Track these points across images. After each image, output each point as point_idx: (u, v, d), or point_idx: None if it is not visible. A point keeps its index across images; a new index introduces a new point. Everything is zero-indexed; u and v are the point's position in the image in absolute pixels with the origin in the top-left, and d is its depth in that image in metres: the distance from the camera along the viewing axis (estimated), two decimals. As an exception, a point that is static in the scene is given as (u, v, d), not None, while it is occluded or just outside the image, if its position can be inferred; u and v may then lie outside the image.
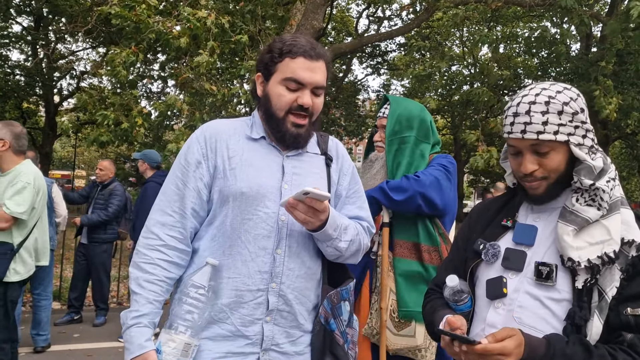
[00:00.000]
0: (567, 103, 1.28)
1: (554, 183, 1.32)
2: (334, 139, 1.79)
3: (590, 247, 1.25)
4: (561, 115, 1.26)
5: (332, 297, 1.61)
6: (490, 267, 1.40)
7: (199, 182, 1.57)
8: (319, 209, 1.48)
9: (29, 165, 3.56)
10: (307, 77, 1.56)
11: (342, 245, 1.60)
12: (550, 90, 1.30)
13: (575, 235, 1.27)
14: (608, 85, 8.43)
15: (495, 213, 1.50)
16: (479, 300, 1.42)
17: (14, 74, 14.99)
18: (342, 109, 18.09)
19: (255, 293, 1.53)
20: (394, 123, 2.36)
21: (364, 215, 1.76)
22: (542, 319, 1.27)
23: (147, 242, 1.55)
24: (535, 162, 1.31)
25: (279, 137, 1.61)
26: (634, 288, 1.21)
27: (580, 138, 1.29)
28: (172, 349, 1.46)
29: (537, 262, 1.31)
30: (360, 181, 1.82)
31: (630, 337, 1.18)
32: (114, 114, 6.43)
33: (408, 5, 10.91)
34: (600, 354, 1.17)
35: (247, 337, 1.53)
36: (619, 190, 1.33)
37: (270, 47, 1.61)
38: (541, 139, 1.27)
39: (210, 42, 6.24)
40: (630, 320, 1.19)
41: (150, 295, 1.51)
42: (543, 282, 1.28)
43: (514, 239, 1.39)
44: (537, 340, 1.21)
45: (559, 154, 1.29)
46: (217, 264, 1.51)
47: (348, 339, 1.64)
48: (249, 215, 1.54)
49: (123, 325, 1.50)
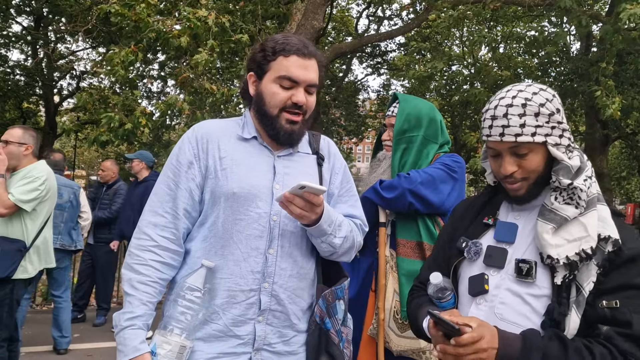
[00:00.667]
0: (544, 104, 1.30)
1: (534, 183, 1.36)
2: (326, 138, 1.80)
3: (569, 244, 1.28)
4: (538, 117, 1.30)
5: (327, 296, 1.62)
6: (473, 265, 1.44)
7: (190, 183, 1.58)
8: (315, 203, 1.48)
9: (43, 164, 3.66)
10: (300, 75, 1.56)
11: (336, 242, 1.60)
12: (527, 92, 1.33)
13: (554, 233, 1.31)
14: (609, 85, 8.43)
15: (477, 211, 1.53)
16: (462, 297, 1.45)
17: (14, 74, 14.98)
18: (342, 109, 18.07)
19: (247, 293, 1.54)
20: (403, 122, 2.35)
21: (357, 213, 1.77)
22: (522, 315, 1.31)
23: (139, 243, 1.55)
24: (514, 163, 1.35)
25: (272, 135, 1.61)
26: (609, 282, 1.25)
27: (557, 138, 1.32)
28: (167, 351, 1.45)
29: (517, 259, 1.35)
30: (352, 180, 1.83)
31: (605, 329, 1.22)
32: (118, 115, 6.42)
33: (408, 5, 10.92)
34: (576, 347, 1.20)
35: (239, 337, 1.53)
36: (596, 187, 1.35)
37: (262, 46, 1.61)
38: (519, 141, 1.30)
39: (210, 41, 6.24)
40: (606, 313, 1.22)
41: (143, 296, 1.50)
42: (523, 279, 1.32)
43: (495, 237, 1.42)
44: (512, 334, 1.25)
45: (537, 155, 1.33)
46: (212, 266, 1.51)
47: (343, 338, 1.65)
48: (240, 216, 1.54)
49: (116, 327, 1.49)
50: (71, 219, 5.11)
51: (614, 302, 1.22)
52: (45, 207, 3.63)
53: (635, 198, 29.71)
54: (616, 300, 1.22)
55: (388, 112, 2.48)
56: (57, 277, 4.93)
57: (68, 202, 5.05)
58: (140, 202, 5.53)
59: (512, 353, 1.22)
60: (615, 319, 1.21)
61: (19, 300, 3.55)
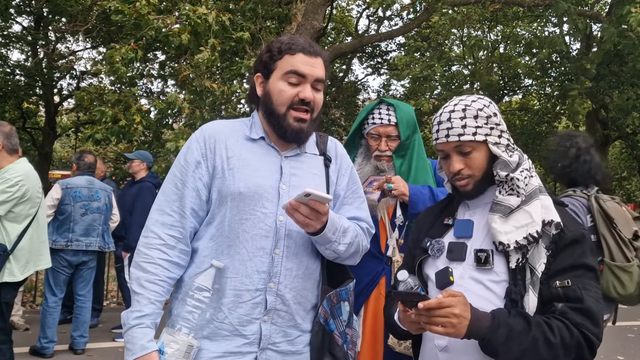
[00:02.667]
0: (481, 109, 1.49)
1: (480, 180, 1.52)
2: (334, 140, 1.80)
3: (517, 231, 1.43)
4: (477, 119, 1.48)
5: (332, 297, 1.62)
6: (437, 261, 1.56)
7: (198, 182, 1.58)
8: (321, 211, 1.48)
9: (20, 164, 3.54)
10: (307, 70, 1.58)
11: (340, 248, 1.61)
12: (466, 101, 1.52)
13: (504, 222, 1.45)
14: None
15: (437, 215, 1.68)
16: (431, 292, 1.56)
17: (14, 74, 14.97)
18: (342, 109, 18.06)
19: (253, 293, 1.54)
20: (405, 130, 2.31)
21: (363, 215, 1.76)
22: (486, 300, 1.43)
23: (147, 242, 1.55)
24: (461, 162, 1.51)
25: (280, 134, 1.62)
26: (559, 263, 1.40)
27: (496, 138, 1.50)
28: (174, 350, 1.46)
29: (475, 249, 1.49)
30: (359, 181, 1.83)
31: (560, 306, 1.36)
32: (111, 111, 6.40)
33: (408, 5, 10.92)
34: (536, 322, 1.34)
35: (245, 337, 1.53)
36: (536, 180, 1.52)
37: (268, 47, 1.63)
38: (462, 140, 1.48)
39: (211, 39, 6.23)
40: (560, 292, 1.37)
41: (152, 295, 1.50)
42: (482, 267, 1.46)
43: (454, 234, 1.56)
44: (483, 312, 1.36)
45: (480, 153, 1.50)
46: (222, 267, 1.51)
47: (347, 339, 1.65)
48: (246, 215, 1.55)
49: (124, 325, 1.50)
50: (105, 222, 5.16)
51: (566, 281, 1.37)
52: (26, 207, 3.52)
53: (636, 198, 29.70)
54: (567, 279, 1.37)
55: (380, 121, 2.31)
56: (86, 276, 4.97)
57: (104, 205, 5.10)
58: (132, 202, 5.54)
59: (482, 328, 1.32)
60: (567, 297, 1.36)
61: (10, 303, 3.52)
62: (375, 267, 2.23)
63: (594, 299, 1.36)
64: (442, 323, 1.30)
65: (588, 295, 1.35)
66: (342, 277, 1.72)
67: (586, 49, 13.34)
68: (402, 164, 2.32)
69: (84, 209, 4.91)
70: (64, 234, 4.78)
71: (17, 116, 16.43)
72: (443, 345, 1.47)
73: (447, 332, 1.31)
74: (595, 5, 12.95)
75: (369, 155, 2.38)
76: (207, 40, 6.26)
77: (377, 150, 2.33)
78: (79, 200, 4.88)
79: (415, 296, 1.36)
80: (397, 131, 2.30)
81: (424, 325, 1.34)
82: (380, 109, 2.35)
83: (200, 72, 6.53)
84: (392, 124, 2.30)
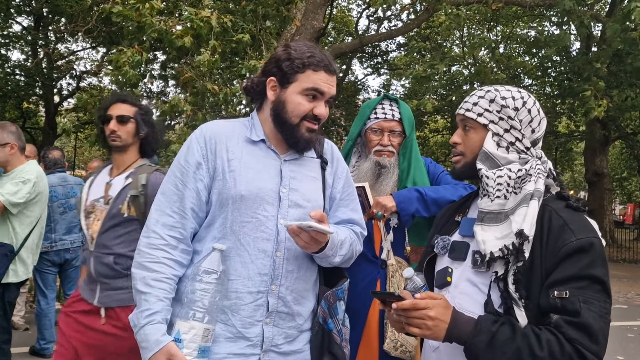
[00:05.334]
0: (504, 98, 1.42)
1: (470, 162, 1.46)
2: (330, 142, 1.82)
3: (496, 241, 1.35)
4: (491, 104, 1.42)
5: (329, 297, 1.65)
6: (442, 259, 1.52)
7: (198, 184, 1.58)
8: (321, 241, 1.52)
9: (32, 165, 3.55)
10: (326, 89, 1.62)
11: (336, 260, 1.65)
12: (501, 87, 1.46)
13: (487, 231, 1.38)
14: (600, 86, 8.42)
15: (454, 212, 1.62)
16: (435, 291, 1.53)
17: (14, 74, 14.97)
18: (342, 109, 18.08)
19: (255, 295, 1.55)
20: (408, 126, 2.29)
21: (357, 217, 1.80)
22: (479, 304, 1.37)
23: (149, 242, 1.56)
24: (460, 136, 1.49)
25: (292, 143, 1.64)
26: (560, 272, 1.29)
27: (501, 129, 1.42)
28: (193, 335, 1.45)
29: (473, 250, 1.42)
30: (353, 184, 1.85)
31: (555, 318, 1.27)
32: None
33: (408, 6, 10.92)
34: (524, 332, 1.27)
35: (248, 339, 1.55)
36: (536, 185, 1.37)
37: (288, 54, 1.61)
38: (466, 116, 1.46)
39: (212, 41, 6.23)
40: (557, 303, 1.27)
41: (160, 293, 1.51)
42: (478, 269, 1.39)
43: (459, 232, 1.51)
44: (467, 317, 1.32)
45: (477, 135, 1.44)
46: (224, 249, 1.52)
47: (343, 337, 1.69)
48: (248, 218, 1.56)
49: (135, 327, 1.49)
50: None
51: (564, 292, 1.27)
52: (36, 209, 3.50)
53: (636, 198, 29.71)
54: (566, 290, 1.27)
55: (384, 116, 2.27)
56: (72, 277, 4.93)
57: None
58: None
59: (463, 332, 1.29)
60: (565, 309, 1.26)
61: (13, 303, 3.52)
62: (370, 271, 2.20)
63: (595, 314, 1.25)
64: (418, 325, 1.30)
65: (589, 309, 1.25)
66: (337, 276, 1.74)
67: (586, 49, 13.36)
68: (403, 162, 2.29)
69: (62, 207, 4.79)
70: (46, 236, 4.68)
71: (17, 116, 16.43)
72: (435, 346, 1.47)
73: (423, 334, 1.30)
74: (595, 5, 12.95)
75: (366, 152, 2.31)
76: (208, 42, 6.26)
77: (379, 145, 2.26)
78: (55, 199, 4.73)
79: (390, 296, 1.36)
80: (400, 127, 2.27)
81: (404, 325, 1.34)
82: (383, 105, 2.31)
83: (201, 73, 6.54)
84: (396, 119, 2.27)
